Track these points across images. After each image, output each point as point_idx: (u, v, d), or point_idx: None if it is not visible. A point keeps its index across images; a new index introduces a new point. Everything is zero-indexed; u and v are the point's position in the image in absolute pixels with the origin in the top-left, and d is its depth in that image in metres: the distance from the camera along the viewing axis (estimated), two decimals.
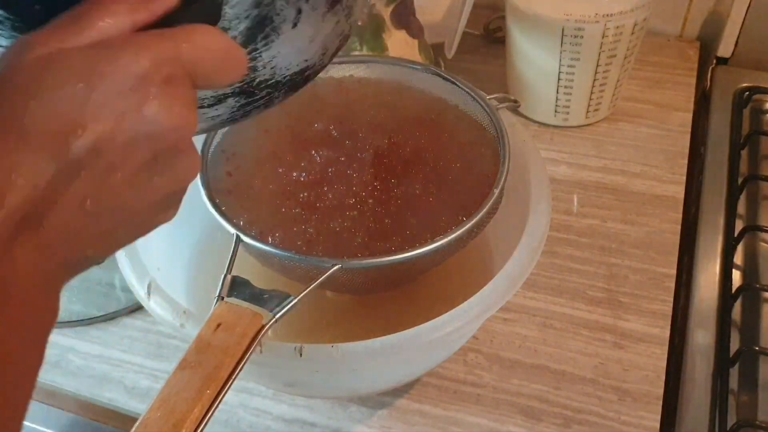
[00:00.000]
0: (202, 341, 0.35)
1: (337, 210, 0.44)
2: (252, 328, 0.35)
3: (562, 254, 0.59)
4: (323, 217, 0.44)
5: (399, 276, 0.45)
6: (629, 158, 0.67)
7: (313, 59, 0.33)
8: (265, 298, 0.37)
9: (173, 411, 0.31)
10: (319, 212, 0.44)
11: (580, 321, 0.54)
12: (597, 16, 0.60)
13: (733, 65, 0.75)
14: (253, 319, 0.36)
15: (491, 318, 0.54)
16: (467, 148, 0.47)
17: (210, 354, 0.34)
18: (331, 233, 0.43)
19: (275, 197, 0.45)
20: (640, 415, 0.48)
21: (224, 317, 0.36)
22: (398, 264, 0.40)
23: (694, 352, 0.51)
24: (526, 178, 0.46)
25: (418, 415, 0.49)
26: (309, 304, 0.53)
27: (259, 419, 0.49)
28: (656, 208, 0.62)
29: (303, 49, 0.32)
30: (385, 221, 0.44)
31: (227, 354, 0.34)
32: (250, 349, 0.35)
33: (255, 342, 0.35)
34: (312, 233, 0.43)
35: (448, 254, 0.44)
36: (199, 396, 0.31)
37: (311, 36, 0.32)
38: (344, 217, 0.44)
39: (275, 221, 0.44)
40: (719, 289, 0.54)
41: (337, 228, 0.44)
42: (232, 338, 0.34)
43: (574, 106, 0.68)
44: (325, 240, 0.43)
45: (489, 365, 0.52)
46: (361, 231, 0.43)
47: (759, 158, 0.66)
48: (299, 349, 0.37)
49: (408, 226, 0.44)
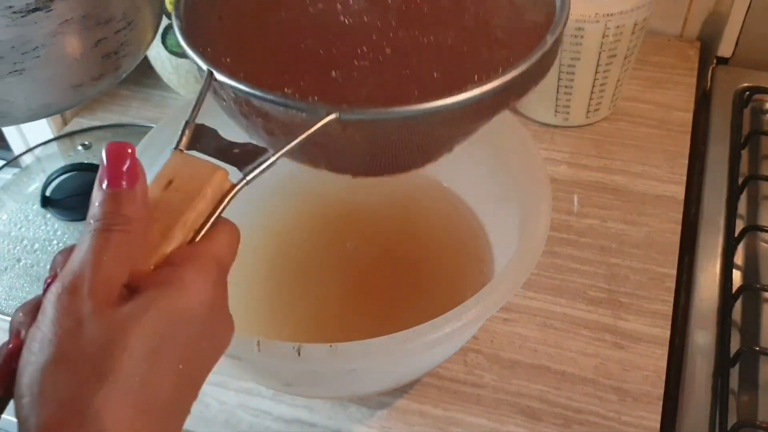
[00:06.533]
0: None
1: (344, 58, 0.36)
2: (213, 187, 0.29)
3: (563, 254, 0.59)
4: (325, 65, 0.35)
5: (412, 147, 0.37)
6: (629, 158, 0.67)
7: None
8: (236, 153, 0.30)
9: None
10: (321, 59, 0.36)
11: (580, 321, 0.54)
12: (597, 15, 0.60)
13: (734, 65, 0.75)
14: (216, 177, 0.29)
15: (491, 318, 0.54)
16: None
17: (157, 220, 0.28)
18: (331, 83, 0.35)
19: (270, 43, 0.38)
20: (640, 415, 0.48)
21: (179, 173, 0.29)
22: (412, 119, 0.32)
23: (695, 353, 0.51)
24: (526, 178, 0.46)
25: (418, 416, 0.49)
26: (309, 304, 0.53)
27: (259, 419, 0.49)
28: (656, 208, 0.62)
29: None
30: (403, 72, 0.35)
31: (177, 220, 0.28)
32: (210, 218, 0.29)
33: (219, 209, 0.29)
34: (308, 83, 0.34)
35: (472, 119, 0.36)
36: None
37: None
38: (351, 66, 0.35)
39: (265, 68, 0.36)
40: (720, 289, 0.54)
41: (340, 78, 0.35)
42: (185, 200, 0.28)
43: (575, 105, 0.68)
44: (324, 91, 0.34)
45: (489, 365, 0.52)
46: (370, 82, 0.35)
47: (759, 158, 0.66)
48: (298, 348, 0.37)
49: (430, 80, 0.35)
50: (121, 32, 0.47)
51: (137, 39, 0.50)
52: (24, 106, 0.46)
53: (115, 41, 0.47)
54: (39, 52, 0.43)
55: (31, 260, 0.59)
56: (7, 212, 0.63)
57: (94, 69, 0.47)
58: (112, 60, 0.48)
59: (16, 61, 0.42)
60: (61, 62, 0.45)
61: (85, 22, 0.44)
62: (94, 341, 0.24)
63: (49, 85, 0.46)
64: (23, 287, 0.57)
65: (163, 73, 0.71)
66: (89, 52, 0.46)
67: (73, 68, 0.46)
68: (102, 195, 0.27)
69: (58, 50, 0.44)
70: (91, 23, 0.45)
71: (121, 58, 0.48)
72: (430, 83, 0.35)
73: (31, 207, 0.63)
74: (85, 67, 0.46)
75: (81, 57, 0.46)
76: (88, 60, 0.46)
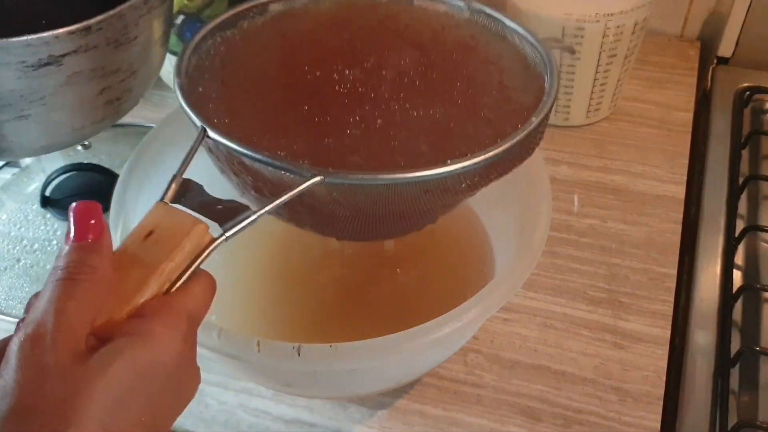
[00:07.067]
0: (126, 253, 0.28)
1: (336, 126, 0.37)
2: (192, 240, 0.29)
3: (563, 254, 0.59)
4: (318, 132, 0.36)
5: (395, 215, 0.37)
6: (630, 158, 0.67)
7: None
8: (219, 209, 0.30)
9: None
10: (314, 126, 0.37)
11: (580, 321, 0.54)
12: (597, 15, 0.60)
13: (734, 65, 0.75)
14: (196, 230, 0.29)
15: (491, 318, 0.54)
16: (502, 75, 0.41)
17: (134, 270, 0.28)
18: (323, 149, 0.35)
19: (267, 108, 0.38)
20: (640, 415, 0.48)
21: (160, 224, 0.29)
22: (395, 187, 0.33)
23: (695, 353, 0.51)
24: (526, 178, 0.46)
25: (418, 416, 0.49)
26: (309, 304, 0.53)
27: (258, 420, 0.49)
28: (657, 208, 0.62)
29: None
30: (392, 143, 0.36)
31: (153, 270, 0.28)
32: (187, 271, 0.29)
33: (196, 262, 0.29)
34: (301, 147, 0.35)
35: (455, 191, 0.37)
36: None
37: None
38: (343, 134, 0.36)
39: (260, 130, 0.37)
40: (720, 290, 0.54)
41: (331, 144, 0.35)
42: (163, 251, 0.28)
43: (575, 105, 0.68)
44: (315, 156, 0.35)
45: (489, 365, 0.52)
46: (360, 150, 0.36)
47: (760, 158, 0.66)
48: (298, 348, 0.37)
49: (418, 152, 0.36)
50: (125, 80, 0.48)
51: (140, 85, 0.50)
52: (25, 146, 0.47)
53: (119, 89, 0.48)
54: (45, 100, 0.44)
55: (31, 260, 0.59)
56: (7, 212, 0.63)
57: (96, 114, 0.48)
58: (114, 105, 0.48)
59: (23, 108, 0.43)
60: (65, 109, 0.46)
61: (93, 73, 0.45)
62: (57, 392, 0.24)
63: (52, 128, 0.46)
64: (23, 287, 0.57)
65: (162, 72, 0.70)
66: (93, 100, 0.47)
67: (77, 114, 0.47)
68: (68, 248, 0.27)
69: (64, 99, 0.45)
70: (98, 74, 0.45)
71: (123, 104, 0.49)
72: (416, 155, 0.36)
73: (31, 207, 0.63)
74: (88, 113, 0.47)
75: (85, 104, 0.46)
76: (91, 106, 0.47)
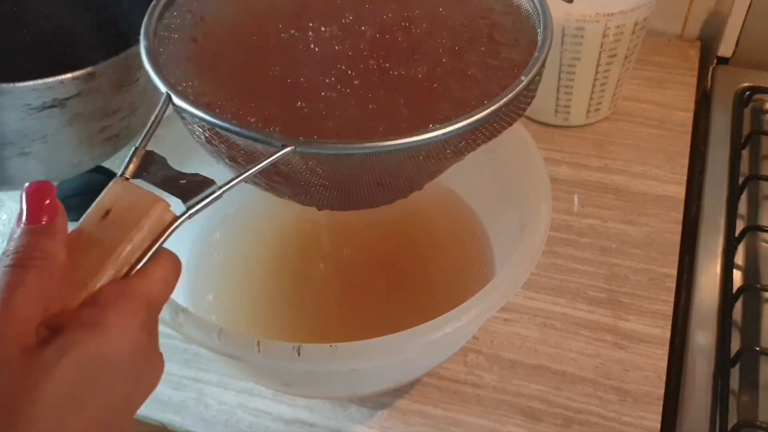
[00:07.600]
0: (81, 234, 0.27)
1: (311, 88, 0.34)
2: (152, 219, 0.27)
3: (563, 254, 0.59)
4: (292, 95, 0.34)
5: (376, 184, 0.35)
6: (630, 158, 0.67)
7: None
8: (182, 184, 0.28)
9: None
10: (287, 88, 0.35)
11: (580, 321, 0.54)
12: (597, 15, 0.60)
13: (734, 65, 0.75)
14: (155, 208, 0.27)
15: (491, 318, 0.54)
16: (492, 29, 0.38)
17: (90, 252, 0.26)
18: (296, 114, 0.33)
19: (241, 69, 0.36)
20: (640, 415, 0.48)
21: (117, 202, 0.27)
22: (374, 156, 0.31)
23: (695, 353, 0.51)
24: (526, 178, 0.46)
25: (418, 416, 0.49)
26: (309, 304, 0.53)
27: (258, 420, 0.49)
28: (657, 208, 0.62)
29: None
30: (370, 106, 0.34)
31: (110, 253, 0.26)
32: (147, 253, 0.27)
33: (155, 244, 0.27)
34: (273, 112, 0.33)
35: (439, 158, 0.34)
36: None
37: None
38: (318, 97, 0.34)
39: (233, 95, 0.34)
40: (720, 290, 0.54)
41: (305, 108, 0.33)
42: (120, 232, 0.26)
43: (575, 105, 0.68)
44: (288, 122, 0.33)
45: (489, 365, 0.51)
46: (336, 115, 0.33)
47: (760, 158, 0.66)
48: (297, 348, 0.37)
49: (398, 116, 0.33)
50: (125, 119, 0.48)
51: (139, 122, 0.51)
52: (25, 179, 0.47)
53: (118, 126, 0.48)
54: (47, 139, 0.44)
55: None
56: (7, 212, 0.63)
57: (95, 150, 0.48)
58: (113, 141, 0.49)
59: (24, 145, 0.44)
60: (66, 146, 0.46)
61: (94, 114, 0.45)
62: (4, 388, 0.23)
63: (52, 164, 0.47)
64: None
65: None
66: (93, 137, 0.47)
67: (76, 151, 0.47)
68: (19, 231, 0.26)
69: (65, 137, 0.45)
70: (100, 114, 0.46)
71: (121, 140, 0.50)
72: (397, 119, 0.33)
73: None
74: (87, 149, 0.48)
75: (84, 141, 0.47)
76: (91, 143, 0.47)
